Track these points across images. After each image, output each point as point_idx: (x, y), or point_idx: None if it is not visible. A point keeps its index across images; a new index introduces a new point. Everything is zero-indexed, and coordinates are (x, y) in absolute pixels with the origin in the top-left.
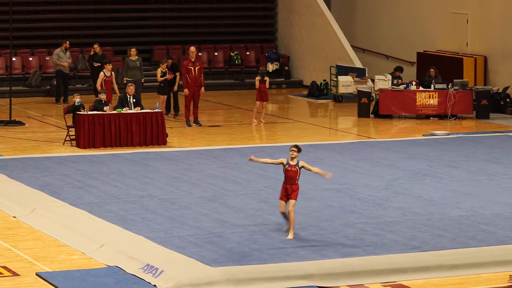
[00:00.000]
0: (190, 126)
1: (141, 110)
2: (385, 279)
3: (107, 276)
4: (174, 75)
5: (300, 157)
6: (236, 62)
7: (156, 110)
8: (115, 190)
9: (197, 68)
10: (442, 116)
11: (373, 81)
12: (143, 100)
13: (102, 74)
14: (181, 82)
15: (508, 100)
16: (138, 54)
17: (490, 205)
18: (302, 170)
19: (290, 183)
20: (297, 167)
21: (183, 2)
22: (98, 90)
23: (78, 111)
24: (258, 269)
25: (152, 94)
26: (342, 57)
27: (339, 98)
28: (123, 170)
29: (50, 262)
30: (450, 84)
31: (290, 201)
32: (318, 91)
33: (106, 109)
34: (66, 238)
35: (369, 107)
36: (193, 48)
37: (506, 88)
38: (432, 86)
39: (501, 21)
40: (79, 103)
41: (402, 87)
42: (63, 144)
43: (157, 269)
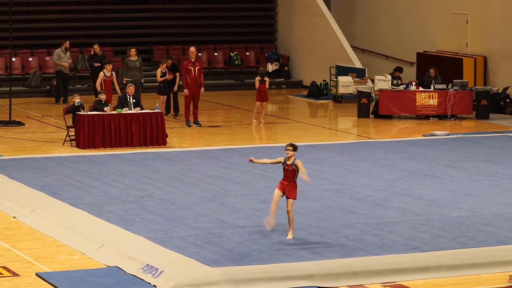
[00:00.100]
0: (190, 126)
1: (141, 110)
2: (385, 280)
3: (107, 276)
4: (174, 76)
5: (300, 157)
6: (236, 63)
7: (156, 111)
8: (115, 191)
9: (197, 68)
10: (442, 116)
11: (373, 81)
12: (143, 100)
13: (102, 74)
14: (181, 83)
15: (508, 100)
16: (137, 54)
17: (489, 205)
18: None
19: (288, 181)
20: (293, 166)
21: (183, 3)
22: (98, 90)
23: (78, 112)
24: (258, 269)
25: (152, 95)
26: (342, 57)
27: (339, 99)
28: (123, 170)
29: (50, 262)
30: (450, 84)
31: (289, 200)
32: (318, 92)
33: (106, 109)
34: (66, 239)
35: (369, 108)
36: (193, 48)
37: (506, 88)
38: (432, 86)
39: (501, 21)
40: (79, 104)
41: (402, 88)
42: (63, 144)
43: (157, 269)
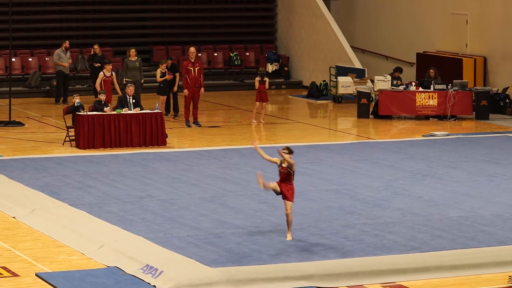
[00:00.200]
0: (189, 126)
1: (140, 110)
2: (384, 280)
3: (107, 276)
4: (174, 76)
5: (299, 158)
6: (235, 63)
7: (155, 111)
8: (115, 191)
9: (196, 68)
10: (441, 116)
11: (372, 81)
12: (143, 100)
13: (101, 74)
14: (180, 83)
15: (507, 100)
16: (137, 54)
17: (489, 205)
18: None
19: (285, 183)
20: (288, 168)
21: (183, 3)
22: (98, 90)
23: (77, 112)
24: (258, 269)
25: (151, 95)
26: (342, 57)
27: (339, 99)
28: (123, 170)
29: (49, 262)
30: (450, 84)
31: (287, 202)
32: (317, 92)
33: (105, 109)
34: (65, 239)
35: (368, 108)
36: (192, 48)
37: (505, 88)
38: (431, 86)
39: (500, 21)
40: (79, 104)
41: (401, 88)
42: (63, 144)
43: (156, 269)
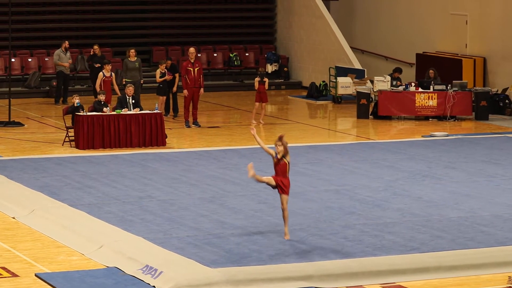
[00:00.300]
0: (189, 127)
1: (140, 111)
2: (384, 280)
3: (106, 277)
4: (173, 76)
5: (299, 158)
6: (235, 63)
7: (155, 111)
8: (114, 191)
9: (196, 69)
10: (441, 117)
11: (372, 82)
12: (142, 101)
13: (101, 74)
14: (180, 83)
15: (507, 101)
16: (137, 55)
17: (489, 206)
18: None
19: (281, 176)
20: (284, 159)
21: (182, 3)
22: (97, 91)
23: (77, 112)
24: (257, 270)
25: (151, 95)
26: (341, 58)
27: (338, 99)
28: (122, 171)
29: (49, 263)
30: (449, 85)
31: (283, 196)
32: (317, 92)
33: (105, 110)
34: (65, 239)
35: (368, 108)
36: (192, 49)
37: (505, 89)
38: (431, 87)
39: (500, 22)
40: (78, 104)
41: (401, 88)
42: (62, 145)
43: (156, 270)
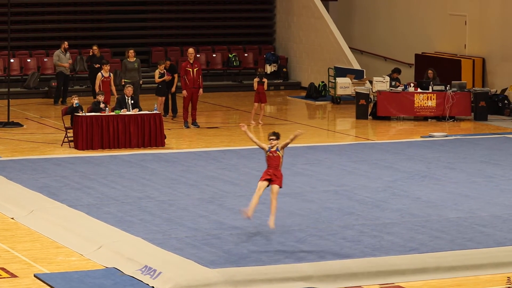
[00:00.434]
0: (188, 127)
1: (139, 111)
2: (383, 281)
3: (105, 277)
4: (172, 77)
5: (298, 159)
6: (234, 64)
7: (154, 112)
8: (113, 192)
9: (195, 69)
10: (440, 117)
11: (371, 82)
12: (141, 101)
13: (99, 75)
14: (179, 84)
15: (506, 102)
16: (136, 55)
17: (488, 207)
18: (285, 152)
19: (274, 169)
20: (278, 152)
21: (181, 4)
22: (96, 91)
23: (76, 113)
24: (256, 270)
25: (150, 96)
26: (340, 58)
27: (337, 100)
28: (121, 171)
29: (48, 263)
30: (448, 85)
31: (274, 186)
32: (316, 93)
33: (102, 106)
34: (64, 240)
35: (367, 109)
36: (191, 49)
37: (504, 89)
38: (430, 87)
39: (499, 22)
40: (77, 105)
41: (400, 89)
42: (61, 145)
43: (155, 270)
